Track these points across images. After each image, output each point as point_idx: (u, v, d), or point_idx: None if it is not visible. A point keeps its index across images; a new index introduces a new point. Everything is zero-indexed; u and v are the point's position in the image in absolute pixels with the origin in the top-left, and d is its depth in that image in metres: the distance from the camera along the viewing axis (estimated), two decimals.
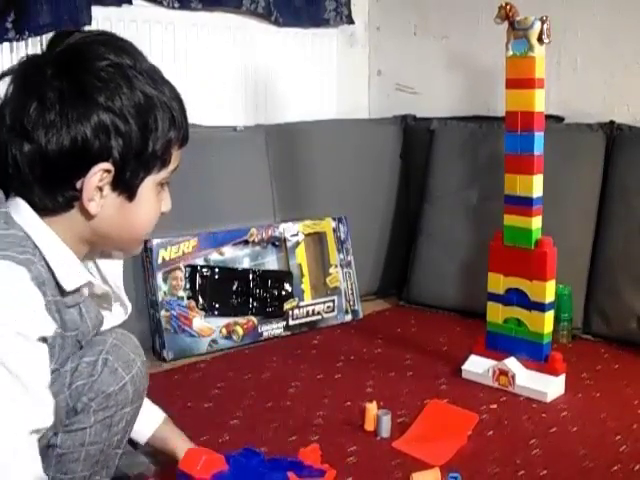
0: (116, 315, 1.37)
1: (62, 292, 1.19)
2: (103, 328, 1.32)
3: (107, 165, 1.14)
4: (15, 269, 1.10)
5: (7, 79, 1.16)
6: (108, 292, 1.31)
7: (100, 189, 1.15)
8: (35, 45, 2.22)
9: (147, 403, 1.43)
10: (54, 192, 1.15)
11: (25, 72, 1.15)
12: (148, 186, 1.20)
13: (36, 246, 1.15)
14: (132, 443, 1.45)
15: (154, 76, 1.21)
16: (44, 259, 1.16)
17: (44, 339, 1.12)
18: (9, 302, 1.08)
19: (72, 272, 1.20)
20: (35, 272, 1.13)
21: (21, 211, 1.16)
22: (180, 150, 1.24)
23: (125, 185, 1.17)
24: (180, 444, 1.47)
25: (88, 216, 1.17)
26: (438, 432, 1.76)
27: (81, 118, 1.11)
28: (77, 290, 1.21)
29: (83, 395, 1.25)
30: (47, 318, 1.13)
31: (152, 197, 1.22)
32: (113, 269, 1.34)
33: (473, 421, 1.80)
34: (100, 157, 1.13)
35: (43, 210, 1.16)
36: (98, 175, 1.14)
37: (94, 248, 1.27)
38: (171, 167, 1.23)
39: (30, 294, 1.11)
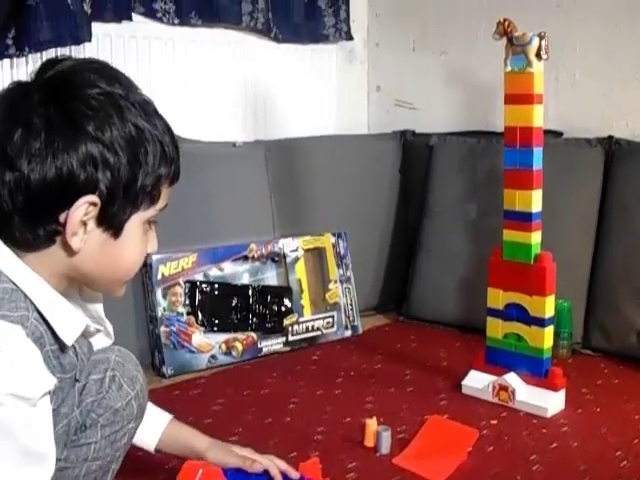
0: (100, 340, 1.33)
1: (58, 340, 1.14)
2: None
3: (93, 198, 1.06)
4: (10, 329, 1.04)
5: None
6: (100, 330, 1.26)
7: (84, 223, 1.07)
8: (35, 61, 2.22)
9: (151, 408, 1.42)
10: (35, 225, 1.07)
11: (12, 97, 1.08)
12: (135, 223, 1.12)
13: (26, 296, 1.08)
14: None
15: (147, 108, 1.12)
16: (36, 310, 1.09)
17: (47, 393, 1.06)
18: (7, 365, 1.00)
19: (68, 323, 1.14)
20: (31, 328, 1.08)
21: (2, 255, 1.08)
22: (170, 188, 1.16)
23: (111, 221, 1.10)
24: (193, 440, 1.45)
25: (70, 252, 1.09)
26: (438, 448, 1.75)
27: (68, 147, 1.04)
28: None
29: (92, 412, 1.25)
30: (47, 374, 1.06)
31: (138, 236, 1.14)
32: (94, 295, 1.28)
33: (473, 437, 1.79)
34: (86, 189, 1.05)
35: (23, 245, 1.09)
36: (83, 208, 1.06)
37: (72, 284, 1.19)
38: (160, 205, 1.15)
39: (28, 354, 1.04)
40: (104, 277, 1.16)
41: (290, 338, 2.45)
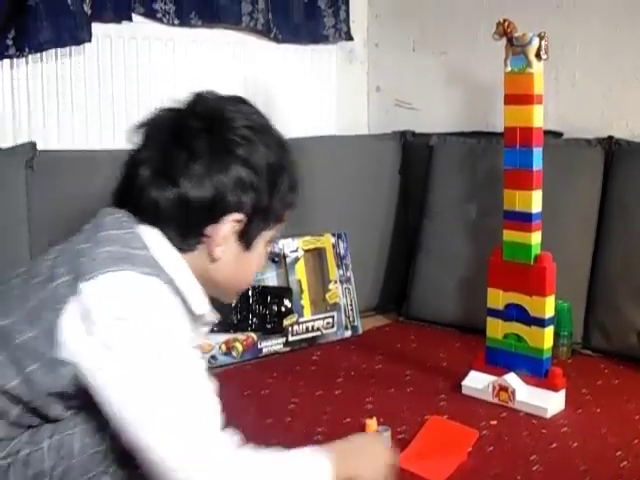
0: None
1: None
2: None
3: (239, 216, 1.24)
4: (162, 285, 1.19)
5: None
6: (214, 321, 1.38)
7: (226, 237, 1.25)
8: (36, 61, 2.23)
9: None
10: (186, 234, 1.24)
11: (173, 124, 1.26)
12: (262, 240, 1.31)
13: (166, 273, 1.21)
14: None
15: (282, 142, 1.32)
16: (174, 286, 1.22)
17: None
18: (172, 313, 1.19)
19: (199, 299, 1.28)
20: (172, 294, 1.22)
21: (153, 238, 1.23)
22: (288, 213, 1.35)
23: (247, 236, 1.27)
24: None
25: (211, 259, 1.26)
26: (438, 448, 1.75)
27: (223, 170, 1.22)
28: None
29: None
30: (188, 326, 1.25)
31: (262, 250, 1.32)
32: None
33: (473, 437, 1.79)
34: (234, 208, 1.23)
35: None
36: (230, 224, 1.24)
37: None
38: (281, 226, 1.34)
39: (178, 304, 1.22)
40: (230, 284, 1.33)
41: (290, 338, 2.45)
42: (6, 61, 2.18)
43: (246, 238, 1.27)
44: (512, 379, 1.98)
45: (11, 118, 2.23)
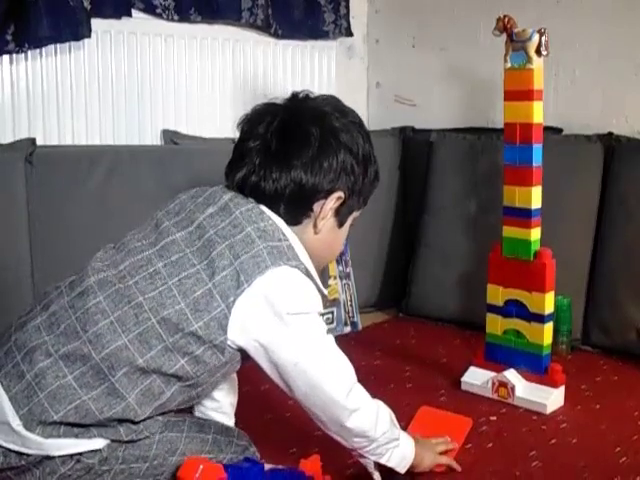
0: None
1: None
2: None
3: (341, 194, 1.45)
4: (304, 277, 1.39)
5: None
6: (327, 297, 1.62)
7: (328, 212, 1.45)
8: (35, 57, 2.23)
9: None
10: (296, 210, 1.44)
11: (284, 116, 1.44)
12: (350, 219, 1.53)
13: (301, 260, 1.40)
14: None
15: (369, 136, 1.52)
16: (306, 271, 1.41)
17: None
18: (312, 296, 1.40)
19: (318, 278, 1.46)
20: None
21: (284, 227, 1.42)
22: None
23: (342, 214, 1.49)
24: None
25: (314, 231, 1.46)
26: (432, 437, 1.75)
27: (332, 155, 1.42)
28: None
29: None
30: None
31: (347, 228, 1.53)
32: None
33: (468, 425, 1.79)
34: (339, 188, 1.44)
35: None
36: (334, 201, 1.45)
37: None
38: (362, 210, 1.55)
39: (319, 298, 1.43)
40: (321, 255, 1.51)
41: None
42: (6, 57, 2.18)
43: (341, 216, 1.48)
44: (512, 375, 1.98)
45: (11, 114, 2.23)
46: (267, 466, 1.46)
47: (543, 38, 1.90)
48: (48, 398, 1.32)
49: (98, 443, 1.35)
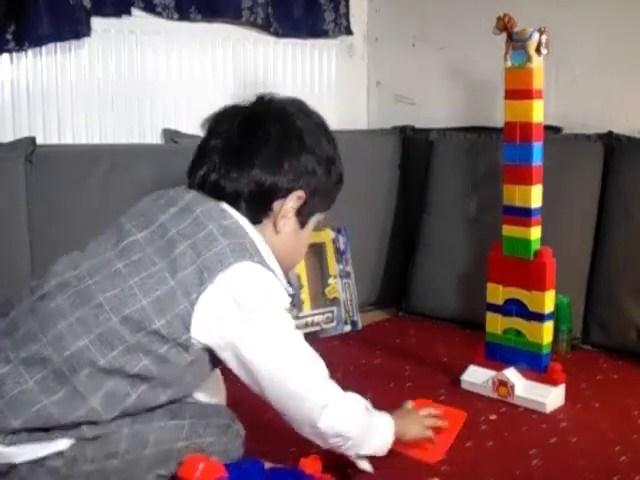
0: None
1: None
2: None
3: (301, 194, 1.46)
4: (268, 273, 1.39)
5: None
6: (292, 294, 1.52)
7: (289, 211, 1.46)
8: (35, 56, 2.22)
9: None
10: (257, 209, 1.44)
11: (246, 115, 1.47)
12: (313, 220, 1.53)
13: (262, 256, 1.40)
14: None
15: (334, 139, 1.54)
16: (270, 268, 1.41)
17: None
18: (277, 291, 1.40)
19: (281, 275, 1.46)
20: None
21: (246, 225, 1.42)
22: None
23: (303, 215, 1.49)
24: None
25: (273, 232, 1.46)
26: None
27: (294, 155, 1.44)
28: None
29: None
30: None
31: (310, 231, 1.54)
32: None
33: (462, 418, 1.80)
34: (299, 187, 1.45)
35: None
36: (294, 200, 1.45)
37: None
38: (325, 214, 1.56)
39: (285, 293, 1.42)
40: (286, 259, 1.50)
41: None
42: (6, 55, 2.18)
43: (303, 217, 1.49)
44: (511, 374, 1.98)
45: (11, 112, 2.23)
46: (267, 465, 1.46)
47: (543, 37, 1.90)
48: (9, 405, 1.29)
49: (62, 444, 1.33)
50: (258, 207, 1.44)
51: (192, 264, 1.33)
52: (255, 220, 1.44)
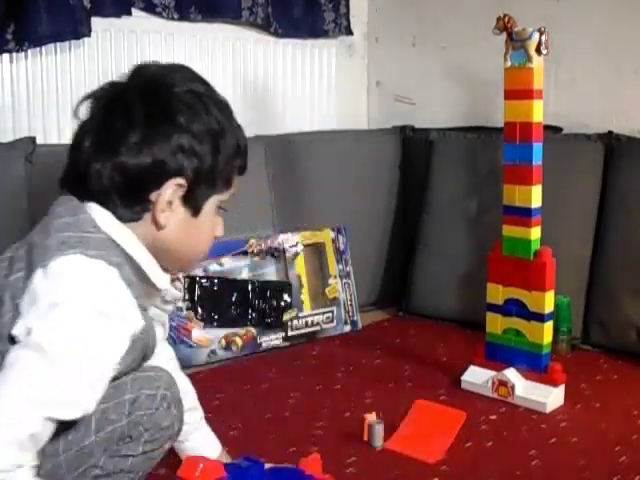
0: (158, 330, 1.42)
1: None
2: None
3: (181, 180, 1.24)
4: (107, 269, 1.19)
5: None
6: (179, 298, 1.41)
7: (171, 202, 1.25)
8: (35, 56, 2.23)
9: (207, 434, 1.58)
10: (131, 203, 1.24)
11: (112, 95, 1.26)
12: (210, 205, 1.30)
13: (123, 251, 1.23)
14: None
15: (224, 106, 1.30)
16: (133, 263, 1.24)
17: (132, 336, 1.22)
18: (103, 294, 1.17)
19: (158, 273, 1.29)
20: (125, 274, 1.21)
21: (104, 218, 1.24)
22: (239, 177, 1.35)
23: (193, 201, 1.27)
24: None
25: (158, 227, 1.26)
26: (427, 430, 1.76)
27: (163, 138, 1.22)
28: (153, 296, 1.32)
29: (140, 425, 1.29)
30: (137, 313, 1.23)
31: (211, 216, 1.31)
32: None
33: (461, 418, 1.79)
34: (175, 173, 1.23)
35: (119, 219, 1.25)
36: (172, 189, 1.23)
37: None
38: (232, 190, 1.33)
39: (123, 291, 1.20)
40: (181, 252, 1.32)
41: (289, 333, 2.45)
42: (6, 56, 2.18)
43: (193, 203, 1.27)
44: (511, 374, 1.98)
45: (11, 113, 2.23)
46: (267, 465, 1.46)
47: (543, 37, 1.90)
48: None
49: None
50: (132, 202, 1.24)
51: (25, 267, 1.21)
52: (135, 217, 1.25)
